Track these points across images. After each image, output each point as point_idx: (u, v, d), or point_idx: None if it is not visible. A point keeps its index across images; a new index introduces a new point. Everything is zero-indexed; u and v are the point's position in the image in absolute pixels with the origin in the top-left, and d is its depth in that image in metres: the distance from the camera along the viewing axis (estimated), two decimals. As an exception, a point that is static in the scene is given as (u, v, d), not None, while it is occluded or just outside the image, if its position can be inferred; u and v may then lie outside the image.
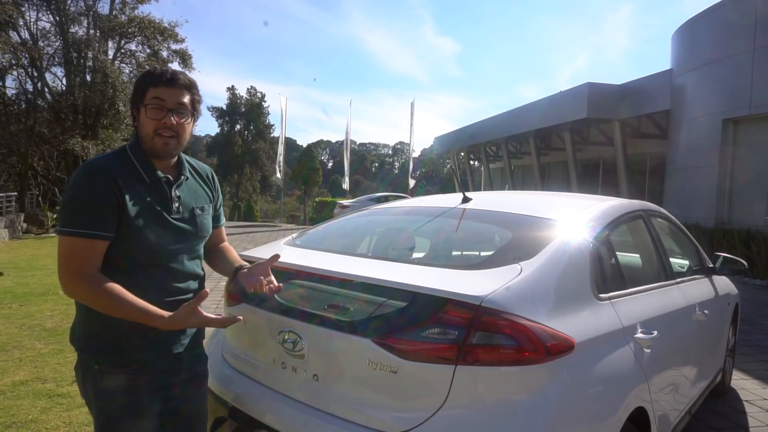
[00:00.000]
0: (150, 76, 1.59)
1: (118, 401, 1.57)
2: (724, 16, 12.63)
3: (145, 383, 1.60)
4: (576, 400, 1.67)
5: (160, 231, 1.59)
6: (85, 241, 1.48)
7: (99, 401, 1.59)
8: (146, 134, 1.58)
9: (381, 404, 1.63)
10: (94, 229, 1.48)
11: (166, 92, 1.56)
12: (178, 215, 1.65)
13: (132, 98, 1.62)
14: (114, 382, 1.57)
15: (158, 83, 1.56)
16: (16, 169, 22.65)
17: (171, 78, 1.58)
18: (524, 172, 27.24)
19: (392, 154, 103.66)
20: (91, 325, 1.59)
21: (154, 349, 1.61)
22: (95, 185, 1.49)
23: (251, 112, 50.90)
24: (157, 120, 1.56)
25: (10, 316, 5.83)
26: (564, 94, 18.00)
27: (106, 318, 1.52)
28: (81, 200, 1.49)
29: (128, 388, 1.57)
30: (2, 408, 3.36)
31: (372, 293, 1.74)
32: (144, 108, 1.57)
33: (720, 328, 3.48)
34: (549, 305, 1.72)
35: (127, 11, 22.03)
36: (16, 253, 11.89)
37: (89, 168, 1.54)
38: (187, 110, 1.62)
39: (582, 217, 2.28)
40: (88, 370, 1.59)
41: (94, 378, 1.58)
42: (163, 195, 1.63)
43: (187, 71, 20.44)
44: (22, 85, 21.41)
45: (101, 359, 1.58)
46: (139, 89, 1.59)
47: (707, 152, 12.94)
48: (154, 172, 1.62)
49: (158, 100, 1.56)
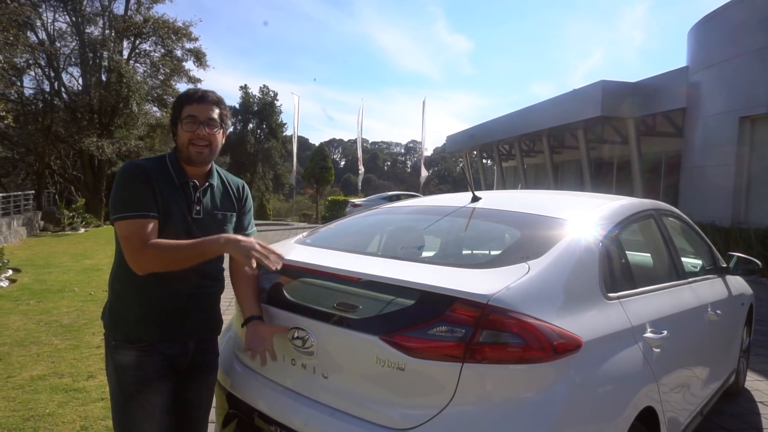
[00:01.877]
0: (184, 95, 1.87)
1: (129, 374, 1.80)
2: (741, 13, 12.44)
3: (153, 362, 1.81)
4: (583, 398, 1.67)
5: (180, 228, 1.82)
6: (137, 221, 1.72)
7: (115, 374, 1.83)
8: (182, 144, 1.84)
9: (389, 401, 1.65)
10: (143, 210, 1.73)
11: (197, 108, 1.83)
12: (198, 216, 1.87)
13: (171, 116, 1.90)
14: (126, 357, 1.80)
15: (191, 101, 1.84)
16: (34, 168, 23.04)
17: (202, 96, 1.85)
18: (537, 171, 27.07)
19: (404, 152, 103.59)
20: (114, 306, 1.86)
21: (158, 330, 1.82)
22: (134, 177, 1.77)
23: (264, 111, 51.09)
24: (191, 132, 1.82)
25: (27, 312, 5.95)
26: (578, 92, 17.83)
27: (126, 301, 1.82)
28: (125, 191, 1.75)
29: (138, 363, 1.80)
30: (21, 402, 3.44)
31: (381, 291, 1.76)
32: (180, 123, 1.84)
33: (733, 328, 3.45)
34: (557, 304, 1.72)
35: (142, 11, 22.25)
36: (33, 250, 12.10)
37: (128, 166, 1.82)
38: (217, 123, 1.86)
39: (591, 216, 2.27)
40: (108, 345, 1.86)
41: (112, 351, 1.84)
42: (187, 196, 1.86)
43: (201, 69, 20.63)
44: (39, 85, 21.77)
45: (117, 335, 1.83)
46: (176, 108, 1.86)
47: (723, 150, 12.76)
48: (184, 176, 1.86)
49: (191, 117, 1.82)
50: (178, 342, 1.87)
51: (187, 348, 1.90)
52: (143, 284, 1.78)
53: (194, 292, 1.88)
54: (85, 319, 5.61)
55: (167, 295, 1.83)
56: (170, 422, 1.85)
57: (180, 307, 1.86)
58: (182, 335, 1.88)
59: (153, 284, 1.79)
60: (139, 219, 1.72)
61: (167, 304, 1.84)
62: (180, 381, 1.90)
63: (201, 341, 1.95)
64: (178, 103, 1.87)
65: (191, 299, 1.88)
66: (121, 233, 1.73)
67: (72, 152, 22.82)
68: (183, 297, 1.86)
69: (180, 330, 1.87)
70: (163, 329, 1.84)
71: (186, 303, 1.87)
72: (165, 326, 1.84)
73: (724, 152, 12.75)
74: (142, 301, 1.81)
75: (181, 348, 1.88)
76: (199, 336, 1.94)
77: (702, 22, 14.20)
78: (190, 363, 1.92)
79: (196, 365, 1.94)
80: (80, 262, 10.11)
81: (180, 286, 1.84)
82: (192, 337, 1.91)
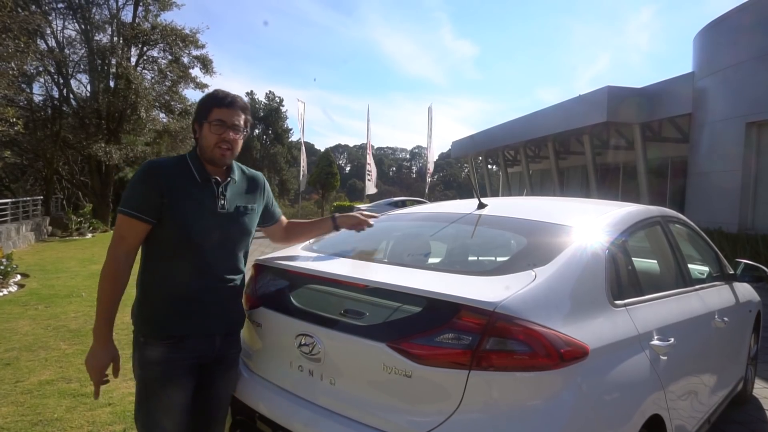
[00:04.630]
0: (215, 98, 1.90)
1: (155, 370, 1.84)
2: (747, 18, 12.42)
3: (180, 358, 1.85)
4: (590, 406, 1.67)
5: (206, 222, 1.86)
6: (127, 220, 1.80)
7: (141, 370, 1.86)
8: (207, 146, 1.89)
9: (395, 408, 1.66)
10: (137, 210, 1.80)
11: (227, 113, 1.88)
12: (224, 210, 1.92)
13: (196, 115, 1.93)
14: (154, 353, 1.84)
15: (221, 105, 1.88)
16: (42, 173, 23.21)
17: (232, 101, 1.90)
18: (543, 177, 27.01)
19: (410, 158, 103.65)
20: (143, 304, 1.89)
21: (188, 324, 1.86)
22: (145, 177, 1.82)
23: (269, 117, 51.34)
24: (218, 135, 1.87)
25: (36, 317, 5.99)
26: (583, 97, 17.83)
27: (154, 297, 1.86)
28: (132, 188, 1.83)
29: (165, 360, 1.83)
30: (29, 406, 3.46)
31: (387, 298, 1.77)
32: (208, 124, 1.87)
33: (741, 335, 3.43)
34: (563, 311, 1.73)
35: (150, 18, 22.44)
36: (41, 255, 12.18)
37: (146, 165, 1.87)
38: (241, 128, 1.92)
39: (598, 223, 2.27)
40: (136, 342, 1.89)
41: (140, 349, 1.87)
42: (211, 192, 1.90)
43: (208, 76, 20.74)
44: (48, 91, 21.98)
45: (146, 332, 1.86)
46: (204, 108, 1.90)
47: (730, 156, 12.71)
48: (206, 174, 1.91)
49: (221, 121, 1.87)
50: (207, 336, 1.90)
51: (214, 342, 1.93)
52: (171, 279, 1.84)
53: (221, 285, 1.92)
54: (92, 325, 5.63)
55: (196, 289, 1.86)
56: (189, 421, 1.90)
57: (208, 300, 1.89)
58: (211, 329, 1.91)
59: (181, 278, 1.84)
60: (129, 218, 1.80)
61: (196, 297, 1.86)
62: (203, 376, 1.94)
63: (227, 335, 1.98)
64: (206, 103, 1.90)
65: (219, 292, 1.91)
66: (116, 223, 1.85)
67: (80, 158, 22.98)
68: (211, 290, 1.89)
69: (208, 324, 1.90)
70: (193, 324, 1.87)
71: (214, 296, 1.90)
72: (194, 321, 1.87)
73: (730, 158, 12.70)
74: (171, 297, 1.85)
75: (209, 342, 1.91)
76: (225, 330, 1.97)
77: (708, 28, 14.18)
78: (215, 358, 1.95)
79: (220, 360, 1.97)
80: (87, 267, 10.16)
81: (209, 279, 1.88)
82: (219, 331, 1.94)
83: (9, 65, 14.36)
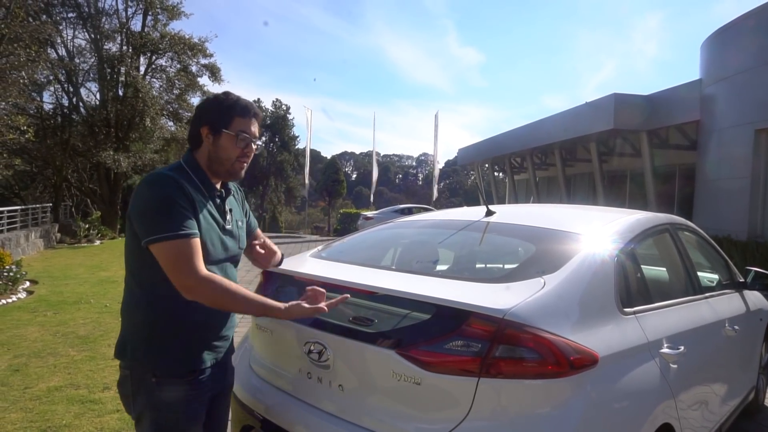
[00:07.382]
0: (238, 106, 1.69)
1: (175, 412, 1.61)
2: (755, 25, 12.38)
3: (199, 394, 1.67)
4: (600, 414, 1.67)
5: (217, 239, 1.68)
6: (188, 241, 1.53)
7: (154, 413, 1.60)
8: (228, 158, 1.68)
9: (404, 415, 1.66)
10: (189, 228, 1.54)
11: (250, 124, 1.71)
12: (230, 225, 1.76)
13: (212, 118, 1.68)
14: (172, 394, 1.60)
15: (245, 115, 1.70)
16: (51, 181, 23.40)
17: (255, 113, 1.73)
18: (549, 184, 26.93)
19: (416, 165, 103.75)
20: (152, 338, 1.61)
21: (208, 355, 1.68)
22: (173, 191, 1.56)
23: (276, 125, 51.63)
24: (241, 149, 1.69)
25: (44, 323, 6.03)
26: (590, 104, 17.80)
27: (168, 330, 1.61)
28: (167, 206, 1.54)
29: (187, 397, 1.62)
30: (38, 413, 3.48)
31: (396, 305, 1.77)
32: (231, 136, 1.67)
33: (752, 344, 3.40)
34: (572, 319, 1.72)
35: (159, 27, 22.68)
36: (50, 262, 12.27)
37: (161, 179, 1.60)
38: (257, 139, 1.76)
39: (607, 230, 2.27)
40: (142, 383, 1.61)
41: (149, 390, 1.59)
42: (219, 207, 1.74)
43: (216, 84, 20.90)
44: (58, 100, 22.26)
45: (161, 370, 1.60)
46: (224, 115, 1.67)
47: (739, 163, 12.62)
48: (212, 186, 1.73)
49: (245, 132, 1.69)
50: (221, 364, 1.76)
51: (227, 369, 1.82)
52: (187, 305, 1.56)
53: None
54: (101, 331, 5.67)
55: (210, 314, 1.65)
56: None
57: (219, 325, 1.73)
58: (225, 356, 1.78)
59: (197, 304, 1.56)
60: (187, 239, 1.52)
61: (211, 324, 1.69)
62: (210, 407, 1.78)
63: (228, 358, 1.85)
64: (226, 110, 1.67)
65: (225, 315, 1.75)
66: (169, 255, 1.51)
67: (89, 165, 23.19)
68: (220, 314, 1.71)
69: (221, 350, 1.75)
70: (212, 354, 1.70)
71: (223, 320, 1.74)
72: (213, 350, 1.70)
73: (739, 165, 12.62)
74: (189, 326, 1.63)
75: (222, 370, 1.78)
76: (232, 352, 1.86)
77: (715, 35, 14.14)
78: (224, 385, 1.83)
79: (228, 386, 1.88)
80: (96, 274, 10.23)
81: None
82: (229, 355, 1.82)
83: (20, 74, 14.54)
